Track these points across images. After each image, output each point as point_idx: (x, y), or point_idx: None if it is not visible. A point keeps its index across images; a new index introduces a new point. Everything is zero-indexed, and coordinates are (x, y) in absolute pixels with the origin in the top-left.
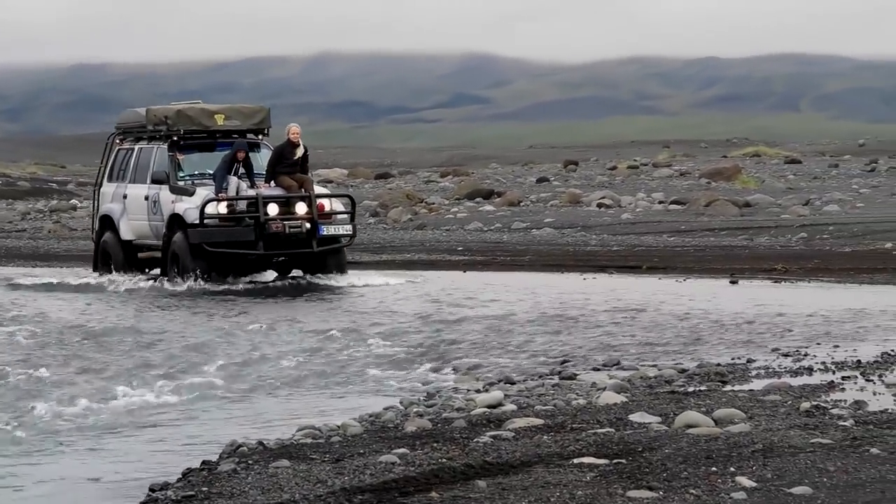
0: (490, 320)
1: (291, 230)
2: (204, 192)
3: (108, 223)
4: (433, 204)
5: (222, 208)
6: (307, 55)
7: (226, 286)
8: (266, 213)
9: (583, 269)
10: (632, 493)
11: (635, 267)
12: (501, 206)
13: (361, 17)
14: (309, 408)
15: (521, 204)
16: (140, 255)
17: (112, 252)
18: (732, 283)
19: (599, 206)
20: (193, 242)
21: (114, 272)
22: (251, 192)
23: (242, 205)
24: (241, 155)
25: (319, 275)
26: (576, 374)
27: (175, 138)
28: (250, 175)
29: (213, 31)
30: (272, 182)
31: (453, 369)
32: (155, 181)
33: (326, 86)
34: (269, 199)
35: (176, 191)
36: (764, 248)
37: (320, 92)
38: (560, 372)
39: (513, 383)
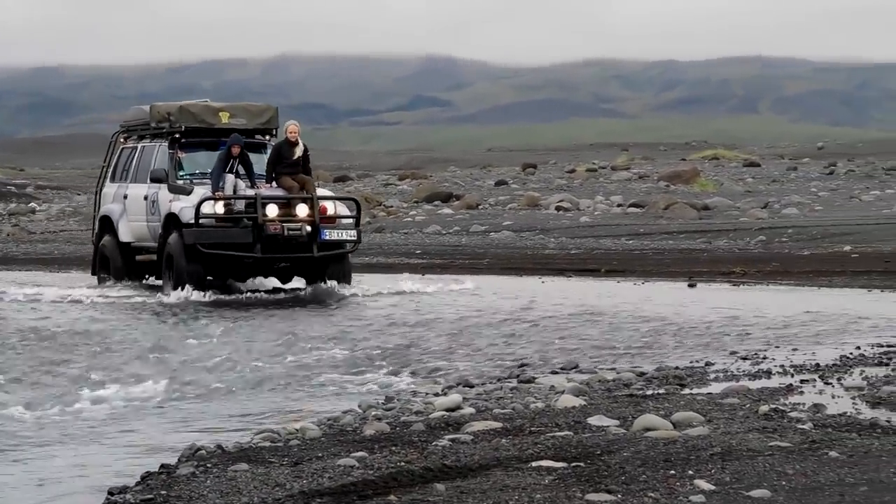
0: (449, 324)
1: (291, 233)
2: (202, 190)
3: (107, 225)
4: (391, 207)
5: (219, 208)
6: (266, 57)
7: (215, 297)
8: (265, 215)
9: (541, 273)
10: (590, 497)
11: (594, 270)
12: (460, 209)
13: (320, 20)
14: (267, 411)
15: (480, 207)
16: (138, 257)
17: (110, 256)
18: (691, 286)
19: (558, 209)
20: (188, 243)
21: (110, 277)
22: (250, 192)
23: (241, 205)
24: (235, 150)
25: (321, 284)
26: (534, 378)
27: (176, 135)
28: (250, 174)
29: (172, 34)
30: (273, 183)
31: (412, 373)
32: (154, 180)
33: (286, 88)
34: (268, 200)
35: (174, 189)
36: (722, 252)
37: (280, 94)
38: (518, 375)
39: (471, 387)
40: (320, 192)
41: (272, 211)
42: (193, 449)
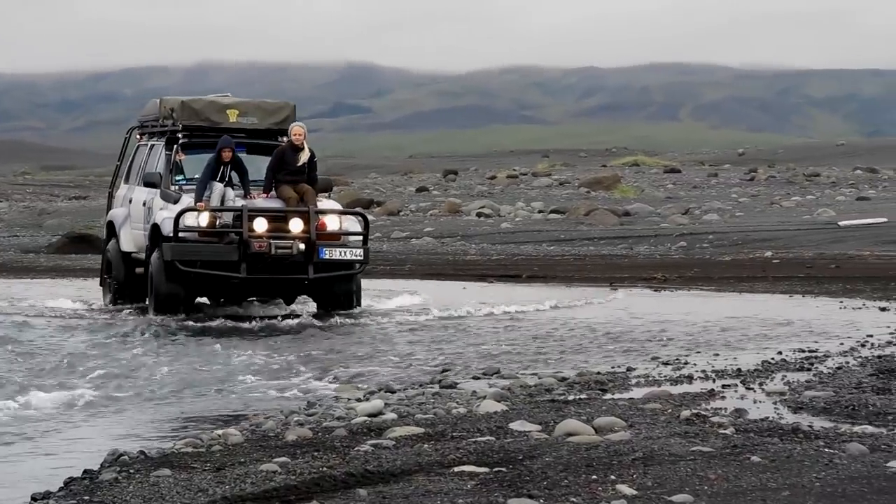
0: (371, 329)
1: (279, 251)
2: (188, 199)
3: (112, 231)
4: None
5: (203, 220)
6: (187, 65)
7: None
8: (251, 229)
9: (462, 278)
10: (512, 502)
11: (515, 276)
12: (381, 215)
13: (240, 27)
14: (190, 417)
15: (401, 213)
16: (137, 270)
17: (114, 264)
18: (612, 291)
19: (479, 215)
20: (166, 259)
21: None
22: (241, 203)
23: (228, 217)
24: (226, 155)
25: (326, 307)
26: (456, 383)
27: (177, 135)
28: (244, 182)
29: (92, 41)
30: (272, 192)
31: (334, 378)
32: (147, 184)
33: (207, 95)
34: (255, 212)
35: (165, 196)
36: (643, 257)
37: None
38: (440, 381)
39: (393, 392)
40: (325, 203)
41: (260, 225)
42: (116, 455)
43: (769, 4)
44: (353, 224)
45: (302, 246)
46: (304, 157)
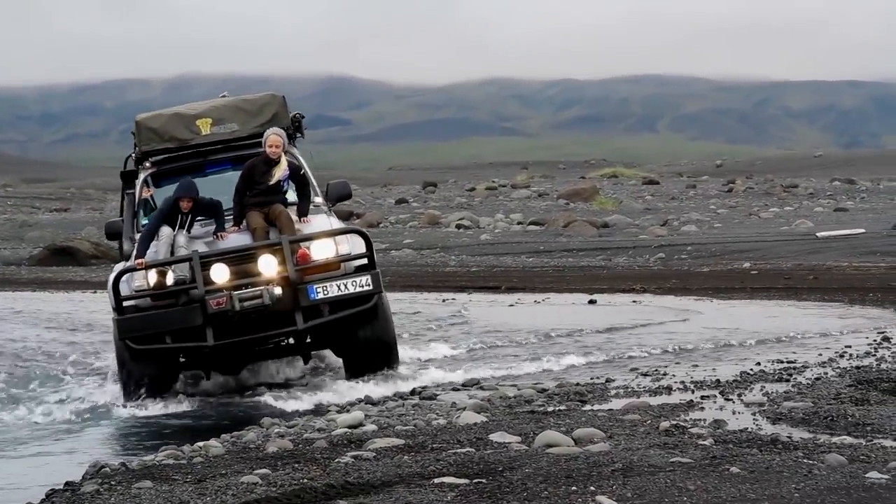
0: None
1: (246, 304)
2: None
3: None
4: None
5: (152, 279)
6: (168, 77)
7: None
8: (209, 281)
9: (442, 290)
10: None
11: (494, 287)
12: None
13: (221, 40)
14: (171, 428)
15: (381, 225)
16: None
17: None
18: (591, 302)
19: (458, 227)
20: (117, 338)
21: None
22: (199, 247)
23: (183, 270)
24: (185, 205)
25: (357, 366)
26: (436, 394)
27: (141, 165)
28: (219, 220)
29: (74, 54)
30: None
31: (314, 390)
32: (108, 235)
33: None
34: (208, 258)
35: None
36: (622, 269)
37: None
38: (420, 392)
39: (373, 403)
40: (314, 224)
41: (220, 274)
42: (97, 466)
43: (747, 16)
44: (351, 245)
45: (278, 290)
46: (279, 172)
